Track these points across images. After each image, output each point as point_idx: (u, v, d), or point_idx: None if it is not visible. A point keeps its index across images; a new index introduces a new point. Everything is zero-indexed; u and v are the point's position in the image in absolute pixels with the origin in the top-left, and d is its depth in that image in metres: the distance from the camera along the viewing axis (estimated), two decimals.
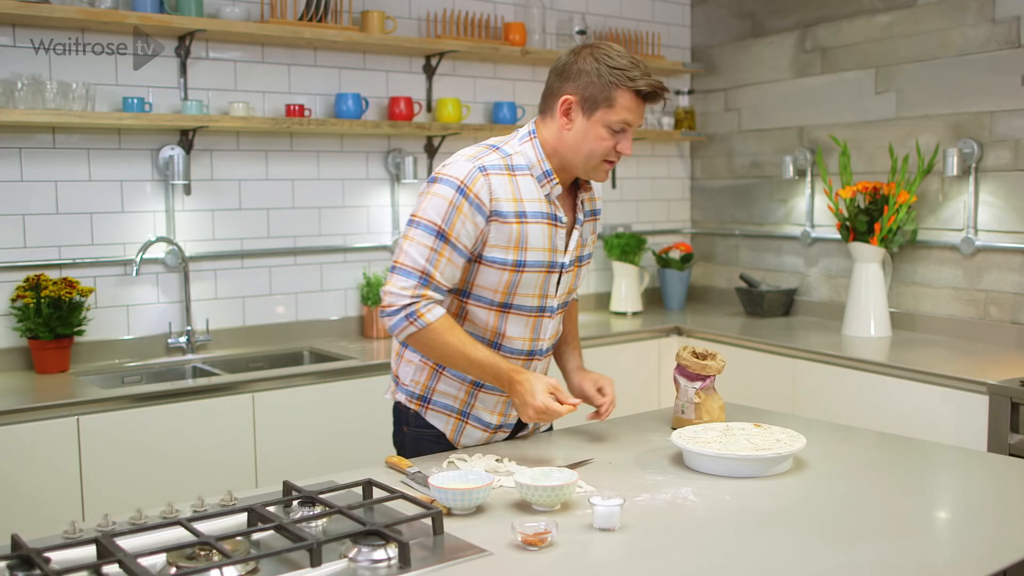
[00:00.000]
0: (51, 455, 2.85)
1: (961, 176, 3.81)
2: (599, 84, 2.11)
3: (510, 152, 2.18)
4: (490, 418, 2.30)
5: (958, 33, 3.82)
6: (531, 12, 4.35)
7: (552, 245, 2.19)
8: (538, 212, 2.16)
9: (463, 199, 2.08)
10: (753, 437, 2.12)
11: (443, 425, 2.29)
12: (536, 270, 2.18)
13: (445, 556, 1.60)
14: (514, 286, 2.17)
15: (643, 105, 2.15)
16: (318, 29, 3.66)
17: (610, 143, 2.14)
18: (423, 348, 2.15)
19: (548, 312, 2.26)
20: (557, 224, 2.20)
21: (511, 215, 2.12)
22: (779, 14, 4.56)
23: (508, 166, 2.15)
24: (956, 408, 3.15)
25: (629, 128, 2.15)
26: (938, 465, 2.22)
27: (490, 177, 2.11)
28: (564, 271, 2.25)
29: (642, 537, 1.69)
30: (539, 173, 2.17)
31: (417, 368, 2.28)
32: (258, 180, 3.82)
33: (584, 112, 2.13)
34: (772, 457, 2.02)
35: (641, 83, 2.10)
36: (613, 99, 2.10)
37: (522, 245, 2.14)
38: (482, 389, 2.27)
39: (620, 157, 2.18)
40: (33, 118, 3.15)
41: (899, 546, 1.66)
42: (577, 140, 2.15)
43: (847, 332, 3.94)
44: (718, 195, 4.97)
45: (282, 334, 3.88)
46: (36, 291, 3.24)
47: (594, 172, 2.20)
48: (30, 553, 1.54)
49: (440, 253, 2.08)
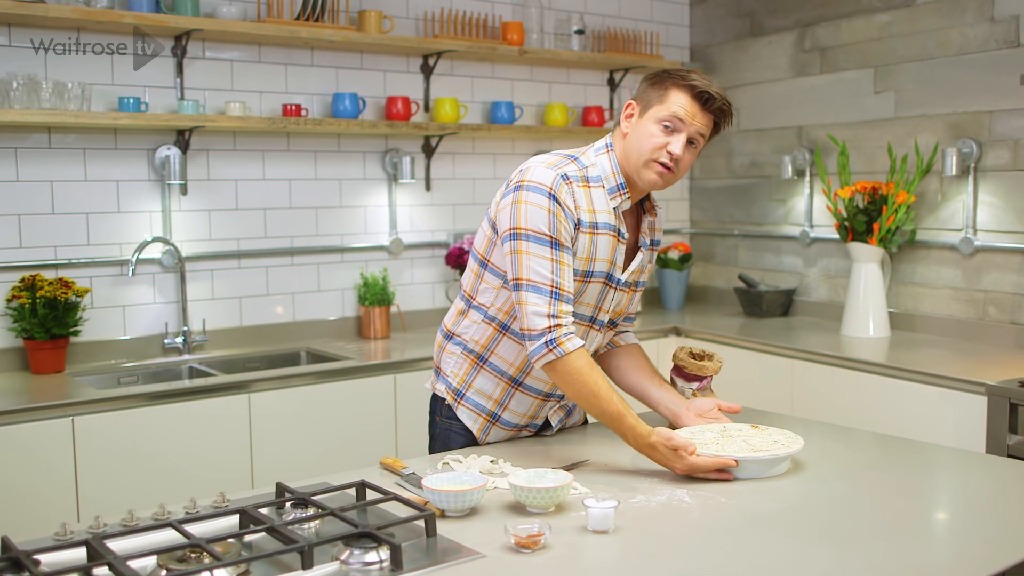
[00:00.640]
0: (46, 456, 2.85)
1: (960, 176, 3.80)
2: (656, 84, 2.14)
3: (586, 164, 2.18)
4: (520, 420, 2.32)
5: (957, 32, 3.81)
6: (529, 12, 4.34)
7: (614, 259, 2.19)
8: (607, 224, 2.16)
9: (557, 205, 2.08)
10: (751, 439, 2.11)
11: (472, 423, 2.30)
12: (599, 280, 2.18)
13: (437, 558, 1.59)
14: (579, 295, 2.17)
15: (699, 107, 2.10)
16: (315, 29, 3.65)
17: (659, 140, 2.10)
18: (559, 381, 2.10)
19: (598, 325, 2.26)
20: (620, 239, 2.19)
21: (587, 225, 2.13)
22: (778, 13, 4.55)
23: (584, 177, 2.15)
24: (954, 409, 3.13)
25: (682, 126, 2.09)
26: (936, 466, 2.21)
27: (572, 186, 2.11)
28: (620, 288, 2.24)
29: (636, 539, 1.68)
30: (611, 186, 2.17)
31: (458, 361, 2.30)
32: (255, 180, 3.81)
33: (641, 112, 2.15)
34: (769, 459, 2.01)
35: (695, 81, 2.09)
36: (665, 95, 2.11)
37: (592, 256, 2.15)
38: (520, 388, 2.27)
39: (674, 161, 2.11)
40: (29, 118, 3.14)
41: (896, 548, 1.65)
42: (632, 140, 2.14)
43: (846, 332, 3.93)
44: (717, 195, 4.96)
45: (279, 334, 3.87)
46: (32, 291, 3.23)
47: (645, 172, 2.13)
48: (19, 556, 1.52)
49: (562, 263, 2.08)
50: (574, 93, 4.65)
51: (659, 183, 2.14)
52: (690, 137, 2.11)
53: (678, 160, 2.11)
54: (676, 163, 2.11)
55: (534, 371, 2.24)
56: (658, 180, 2.13)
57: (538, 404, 2.31)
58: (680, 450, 1.98)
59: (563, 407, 2.38)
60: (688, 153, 2.13)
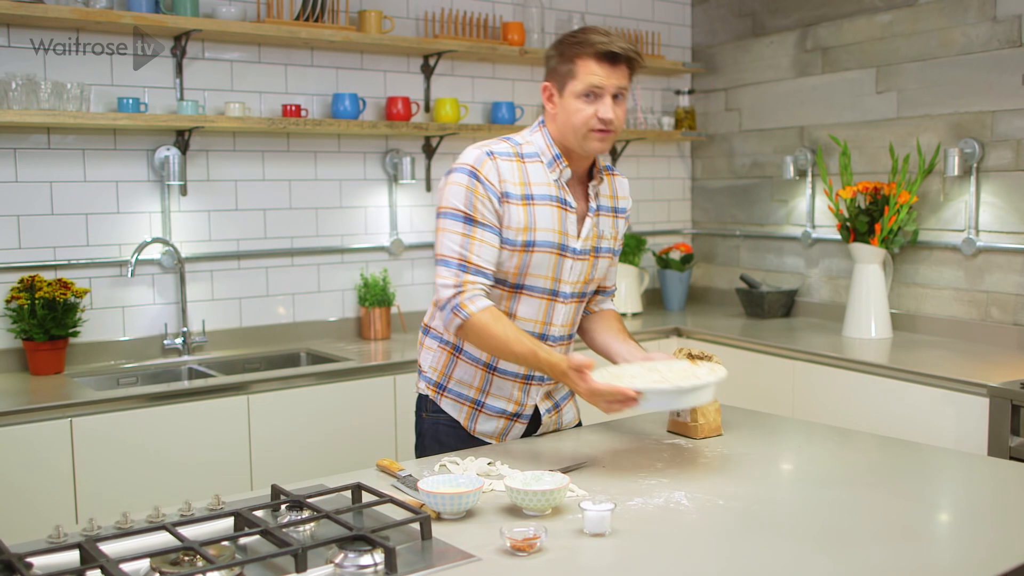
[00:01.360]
0: (44, 457, 2.84)
1: (962, 176, 3.78)
2: (561, 61, 2.20)
3: (520, 142, 2.27)
4: (505, 405, 2.33)
5: (959, 32, 3.80)
6: (530, 12, 4.33)
7: (563, 228, 2.24)
8: (546, 195, 2.22)
9: (476, 182, 2.16)
10: (672, 372, 2.09)
11: (457, 413, 2.34)
12: (546, 250, 2.22)
13: (432, 562, 1.58)
14: (525, 267, 2.22)
15: (610, 66, 2.16)
16: (315, 29, 3.65)
17: (588, 112, 2.17)
18: (473, 342, 2.20)
19: (561, 298, 2.29)
20: (567, 208, 2.25)
21: (518, 197, 2.19)
22: (780, 13, 4.54)
23: (518, 154, 2.23)
24: (956, 411, 3.12)
25: (602, 92, 2.17)
26: (937, 469, 2.19)
27: (498, 161, 2.19)
28: (577, 257, 2.27)
29: (633, 542, 1.67)
30: (549, 159, 2.25)
31: (435, 355, 2.36)
32: (255, 181, 3.80)
33: (559, 92, 2.22)
34: (671, 390, 1.98)
35: (598, 44, 2.15)
36: (574, 70, 2.17)
37: (531, 226, 2.20)
38: (496, 373, 2.30)
39: (611, 124, 2.18)
40: (27, 118, 3.13)
41: (896, 551, 1.63)
42: (563, 120, 2.21)
43: (847, 333, 3.91)
44: (718, 195, 4.95)
45: (279, 335, 3.87)
46: (31, 292, 3.23)
47: (588, 144, 2.21)
48: (12, 558, 1.52)
49: (472, 236, 2.16)
50: None
51: (603, 147, 2.22)
52: (613, 94, 2.18)
53: (611, 120, 2.18)
54: (611, 123, 2.18)
55: None
56: (601, 145, 2.21)
57: (519, 387, 2.32)
58: (582, 369, 2.01)
59: (548, 393, 2.39)
60: (617, 108, 2.20)
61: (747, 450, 2.25)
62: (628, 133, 4.60)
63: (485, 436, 2.36)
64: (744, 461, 2.17)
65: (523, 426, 2.38)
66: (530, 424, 2.39)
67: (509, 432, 2.37)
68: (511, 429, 2.37)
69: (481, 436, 2.36)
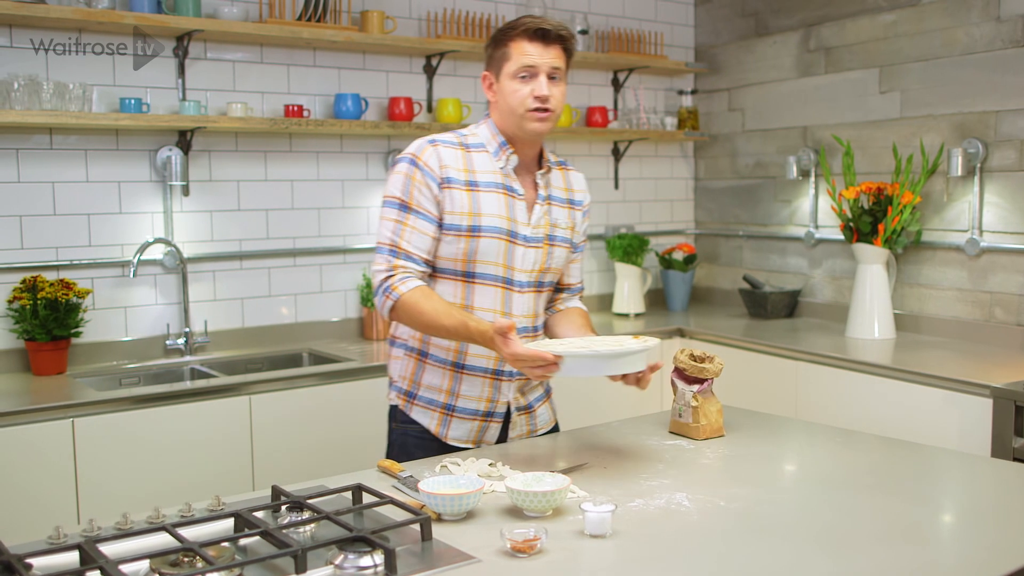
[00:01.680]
0: (46, 458, 2.84)
1: (966, 176, 3.77)
2: (496, 47, 2.25)
3: (466, 133, 2.32)
4: (477, 404, 2.32)
5: (963, 32, 3.79)
6: (532, 12, 4.32)
7: (510, 215, 2.27)
8: (491, 182, 2.26)
9: (415, 169, 2.22)
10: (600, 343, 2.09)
11: (428, 420, 2.33)
12: (494, 235, 2.24)
13: (432, 563, 1.58)
14: (473, 253, 2.23)
15: (542, 45, 2.20)
16: (317, 29, 3.64)
17: (524, 91, 2.20)
18: (406, 322, 2.22)
19: (516, 286, 2.29)
20: (514, 195, 2.28)
21: (461, 183, 2.23)
22: (783, 13, 4.53)
23: (462, 144, 2.28)
24: (960, 412, 3.11)
25: (536, 71, 2.19)
26: (940, 470, 2.19)
27: (439, 148, 2.24)
28: (529, 244, 2.28)
29: (634, 544, 1.66)
30: (495, 147, 2.29)
31: (403, 363, 2.37)
32: (257, 181, 3.80)
33: (496, 78, 2.26)
34: (589, 355, 1.97)
35: (528, 24, 2.19)
36: (507, 52, 2.22)
37: (476, 211, 2.23)
38: (464, 371, 2.30)
39: (547, 102, 2.20)
40: (30, 119, 3.13)
41: (898, 553, 1.63)
42: (503, 105, 2.25)
43: (851, 334, 3.90)
44: (721, 196, 4.94)
45: (281, 336, 3.86)
46: (33, 292, 3.23)
47: (527, 125, 2.23)
48: (11, 559, 1.51)
49: (404, 223, 2.21)
50: (578, 93, 4.64)
51: (541, 128, 2.23)
52: (548, 74, 2.21)
53: (548, 98, 2.20)
54: (548, 101, 2.20)
55: (470, 348, 2.28)
56: (539, 126, 2.23)
57: (490, 384, 2.32)
58: (505, 332, 2.00)
59: (522, 392, 2.38)
60: (555, 88, 2.22)
61: (749, 451, 2.24)
62: (631, 133, 4.60)
63: (458, 442, 2.34)
64: (746, 462, 2.17)
65: (498, 426, 2.36)
66: (503, 425, 2.38)
67: (484, 434, 2.35)
68: (486, 431, 2.35)
69: (454, 442, 2.33)
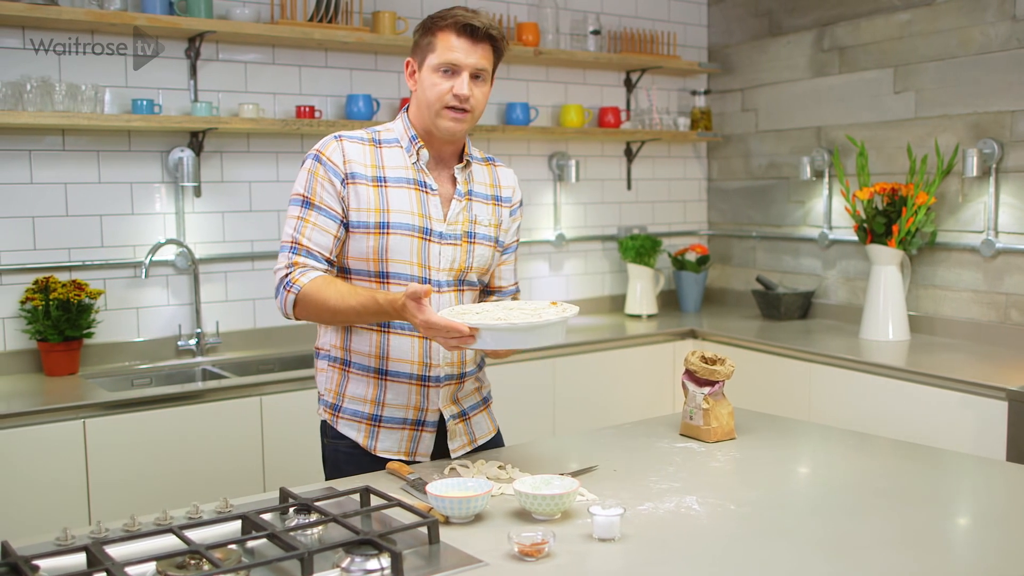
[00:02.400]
0: (57, 458, 2.84)
1: (981, 177, 3.74)
2: (424, 34, 2.15)
3: (380, 129, 2.23)
4: (405, 413, 2.21)
5: (978, 31, 3.75)
6: (544, 12, 4.31)
7: (423, 211, 2.17)
8: (402, 178, 2.17)
9: (318, 164, 2.13)
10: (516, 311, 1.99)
11: (355, 433, 2.22)
12: (404, 233, 2.14)
13: (439, 567, 1.57)
14: (384, 251, 2.14)
15: (470, 42, 2.10)
16: (328, 30, 3.64)
17: (444, 87, 2.11)
18: (313, 316, 2.11)
19: (435, 286, 2.17)
20: (427, 191, 2.18)
21: (367, 179, 2.14)
22: (796, 13, 4.50)
23: (373, 140, 2.19)
24: (975, 415, 3.08)
25: (460, 69, 2.11)
26: (954, 474, 2.16)
27: (344, 143, 2.15)
28: (445, 242, 2.19)
29: (642, 548, 1.65)
30: (406, 143, 2.20)
31: (328, 375, 2.26)
32: (269, 182, 3.80)
33: (419, 66, 2.16)
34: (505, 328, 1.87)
35: (459, 17, 2.10)
36: (433, 43, 2.12)
37: (383, 207, 2.14)
38: (388, 377, 2.19)
39: (466, 103, 2.12)
40: (42, 120, 3.14)
41: (910, 558, 1.61)
42: (419, 94, 2.17)
43: (865, 336, 3.88)
44: (735, 196, 4.92)
45: (293, 336, 3.86)
46: (45, 293, 3.24)
47: (441, 123, 2.14)
48: (18, 561, 1.51)
49: (306, 220, 2.12)
50: (590, 94, 4.62)
51: (455, 128, 2.14)
52: (472, 73, 2.12)
53: (467, 98, 2.12)
54: (467, 102, 2.12)
55: (392, 353, 2.17)
56: (455, 125, 2.14)
57: (417, 391, 2.20)
58: (419, 298, 1.91)
59: (455, 399, 2.26)
60: (477, 88, 2.14)
61: (760, 454, 2.22)
62: (644, 134, 4.58)
63: (389, 454, 2.21)
64: (757, 465, 2.15)
65: (431, 435, 2.23)
66: (438, 435, 2.25)
67: (418, 444, 2.23)
68: (419, 440, 2.23)
69: (384, 454, 2.21)
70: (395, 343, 2.17)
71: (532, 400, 3.74)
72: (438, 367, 2.19)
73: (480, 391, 2.36)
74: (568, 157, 4.52)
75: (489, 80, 2.18)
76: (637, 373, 4.05)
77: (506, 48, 2.20)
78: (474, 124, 2.19)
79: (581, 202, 4.66)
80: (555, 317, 1.91)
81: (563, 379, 3.83)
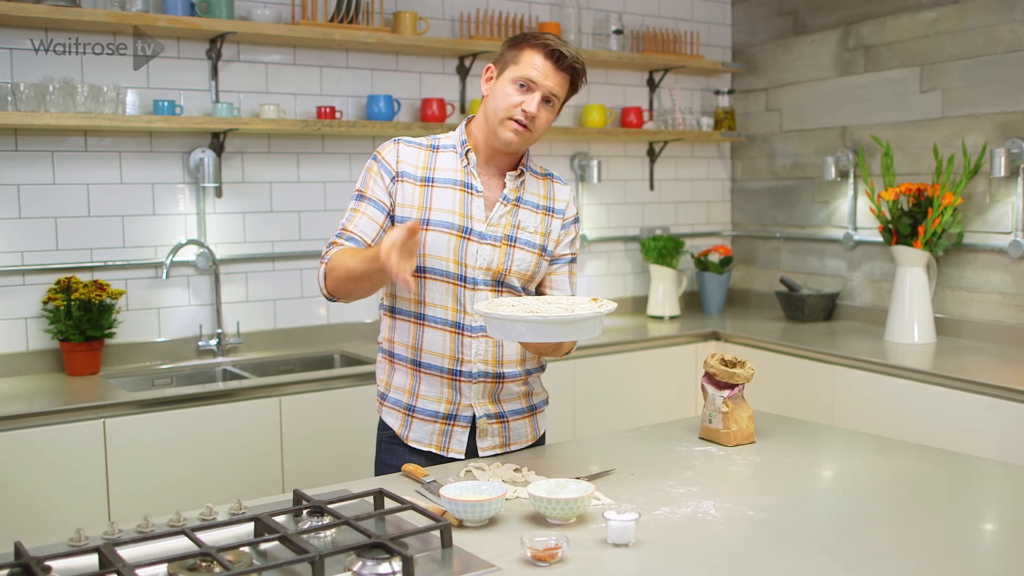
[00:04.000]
0: (78, 458, 2.86)
1: (1009, 177, 3.68)
2: (512, 46, 2.22)
3: (440, 136, 2.33)
4: (437, 406, 2.26)
5: (1006, 29, 3.70)
6: (567, 12, 4.29)
7: (464, 211, 2.23)
8: (449, 179, 2.25)
9: (375, 162, 2.26)
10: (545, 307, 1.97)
11: (394, 422, 2.31)
12: (443, 230, 2.21)
13: (451, 571, 1.55)
14: (423, 246, 2.19)
15: (552, 67, 2.17)
16: (349, 31, 3.64)
17: (515, 99, 2.17)
18: (340, 284, 2.14)
19: (470, 284, 2.23)
20: (472, 192, 2.24)
21: (416, 178, 2.23)
22: (821, 11, 4.46)
23: (431, 145, 2.30)
24: (1002, 419, 3.03)
25: (535, 86, 2.17)
26: (981, 480, 2.12)
27: (400, 145, 2.27)
28: (484, 242, 2.23)
29: (657, 553, 1.63)
30: (460, 149, 2.27)
31: (381, 366, 2.37)
32: (289, 182, 3.80)
33: (498, 74, 2.23)
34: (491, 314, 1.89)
35: (548, 40, 2.17)
36: (518, 56, 2.19)
37: (427, 205, 2.22)
38: (421, 369, 2.26)
39: (531, 122, 2.17)
40: (64, 121, 3.15)
41: (934, 568, 1.57)
42: (489, 100, 2.23)
43: (890, 338, 3.82)
44: (759, 197, 4.87)
45: (313, 337, 3.86)
46: (67, 293, 3.26)
47: (502, 131, 2.19)
48: (30, 562, 1.51)
49: (356, 211, 2.23)
50: (613, 94, 4.60)
51: (515, 140, 2.20)
52: (545, 96, 2.18)
53: (533, 118, 2.17)
54: (532, 121, 2.17)
55: (425, 345, 2.24)
56: (514, 138, 2.19)
57: (449, 384, 2.25)
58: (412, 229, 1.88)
59: (495, 399, 2.28)
60: (544, 111, 2.19)
61: (780, 459, 2.19)
62: (667, 134, 4.55)
63: (420, 444, 2.26)
64: (777, 470, 2.12)
65: (464, 431, 2.27)
66: (471, 431, 2.28)
67: (450, 439, 2.26)
68: (451, 435, 2.26)
69: (416, 445, 2.27)
70: (428, 335, 2.24)
71: (553, 401, 3.67)
72: (470, 363, 2.24)
73: (529, 397, 2.38)
74: (590, 157, 4.50)
75: (557, 109, 2.24)
76: (659, 375, 4.02)
77: (583, 85, 2.27)
78: (531, 143, 2.25)
79: (603, 203, 4.64)
80: (588, 312, 1.91)
81: (584, 380, 3.81)
